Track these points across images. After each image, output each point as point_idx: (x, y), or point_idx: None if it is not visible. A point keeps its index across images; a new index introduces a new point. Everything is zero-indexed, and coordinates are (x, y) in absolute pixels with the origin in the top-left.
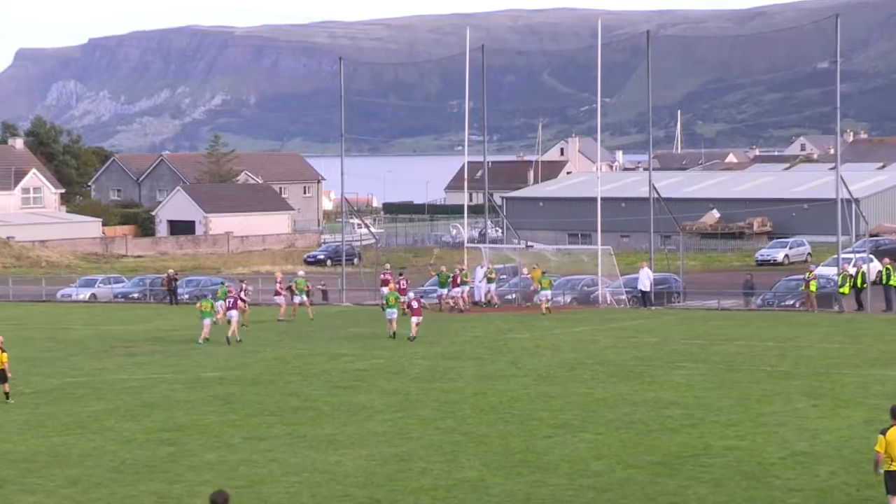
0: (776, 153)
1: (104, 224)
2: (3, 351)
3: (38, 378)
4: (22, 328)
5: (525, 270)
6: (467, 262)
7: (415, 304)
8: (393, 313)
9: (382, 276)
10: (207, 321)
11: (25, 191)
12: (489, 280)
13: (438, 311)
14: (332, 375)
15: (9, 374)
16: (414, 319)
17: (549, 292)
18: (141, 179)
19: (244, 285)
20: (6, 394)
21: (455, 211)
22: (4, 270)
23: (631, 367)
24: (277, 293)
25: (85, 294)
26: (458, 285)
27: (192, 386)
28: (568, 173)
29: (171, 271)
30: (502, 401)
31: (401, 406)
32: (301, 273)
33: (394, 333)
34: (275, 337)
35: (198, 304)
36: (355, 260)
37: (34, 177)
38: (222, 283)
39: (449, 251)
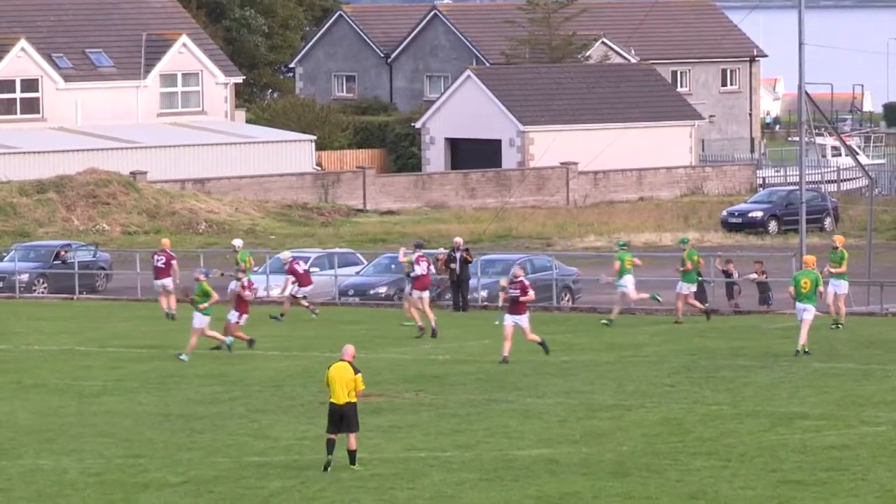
0: None
1: (321, 146)
2: None
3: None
4: (154, 357)
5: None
6: None
7: (420, 269)
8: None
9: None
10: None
11: (167, 80)
12: None
13: None
14: (779, 455)
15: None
16: (422, 294)
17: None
18: (393, 57)
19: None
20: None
21: None
22: (129, 239)
23: None
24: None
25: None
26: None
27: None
28: None
29: (457, 241)
30: None
31: None
32: (237, 243)
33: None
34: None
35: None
36: (826, 221)
37: (184, 52)
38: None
39: None
